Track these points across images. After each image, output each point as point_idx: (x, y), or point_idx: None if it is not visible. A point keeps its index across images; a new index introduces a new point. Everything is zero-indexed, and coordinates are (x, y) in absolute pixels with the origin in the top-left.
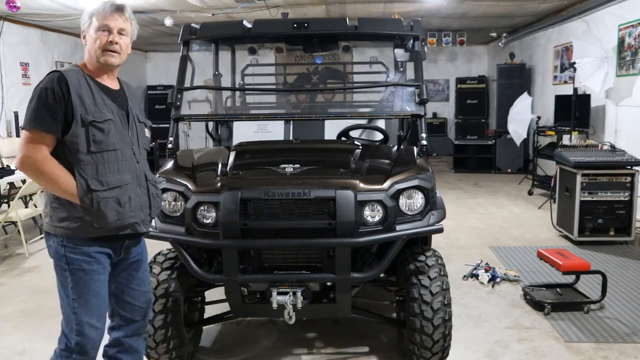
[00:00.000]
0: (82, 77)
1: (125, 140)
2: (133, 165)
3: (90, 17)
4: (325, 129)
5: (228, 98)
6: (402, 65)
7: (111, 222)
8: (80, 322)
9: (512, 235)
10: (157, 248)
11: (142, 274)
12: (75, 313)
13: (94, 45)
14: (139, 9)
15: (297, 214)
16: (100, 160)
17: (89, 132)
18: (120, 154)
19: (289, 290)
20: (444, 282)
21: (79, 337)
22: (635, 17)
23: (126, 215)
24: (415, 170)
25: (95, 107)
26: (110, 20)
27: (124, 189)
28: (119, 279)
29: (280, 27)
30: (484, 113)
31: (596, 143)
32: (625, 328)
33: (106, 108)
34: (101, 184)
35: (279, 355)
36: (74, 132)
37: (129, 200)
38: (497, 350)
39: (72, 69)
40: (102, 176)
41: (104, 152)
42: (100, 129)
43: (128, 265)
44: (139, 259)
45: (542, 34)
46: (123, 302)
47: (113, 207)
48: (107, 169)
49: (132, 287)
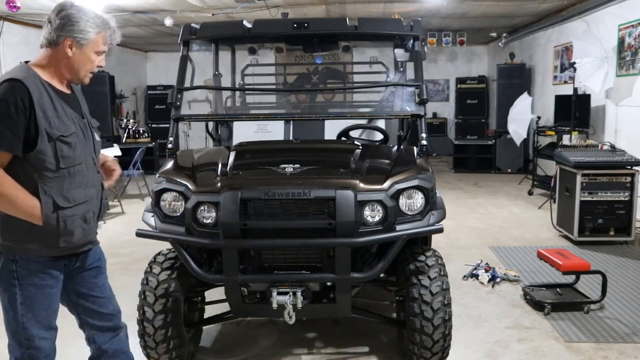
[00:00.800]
0: (40, 85)
1: (88, 151)
2: (95, 176)
3: (93, 33)
4: (325, 129)
5: (228, 98)
6: (402, 65)
7: (76, 240)
8: (30, 337)
9: (512, 235)
10: (157, 248)
11: (102, 281)
12: (24, 328)
13: (85, 66)
14: (139, 9)
15: (297, 214)
16: (66, 176)
17: (57, 148)
18: (84, 167)
19: (289, 290)
20: (444, 282)
21: (30, 350)
22: (635, 17)
23: (92, 231)
24: (415, 170)
25: (59, 120)
26: (107, 46)
27: (89, 203)
28: (79, 288)
29: (280, 27)
30: (484, 113)
31: (596, 143)
32: (625, 328)
33: (69, 119)
34: (67, 201)
35: (279, 355)
36: (40, 149)
37: (93, 215)
38: (497, 350)
39: (29, 75)
40: (68, 192)
41: (70, 168)
42: (68, 143)
43: (86, 273)
44: (98, 265)
45: (542, 34)
46: (90, 311)
47: (79, 225)
48: (74, 184)
49: (96, 295)
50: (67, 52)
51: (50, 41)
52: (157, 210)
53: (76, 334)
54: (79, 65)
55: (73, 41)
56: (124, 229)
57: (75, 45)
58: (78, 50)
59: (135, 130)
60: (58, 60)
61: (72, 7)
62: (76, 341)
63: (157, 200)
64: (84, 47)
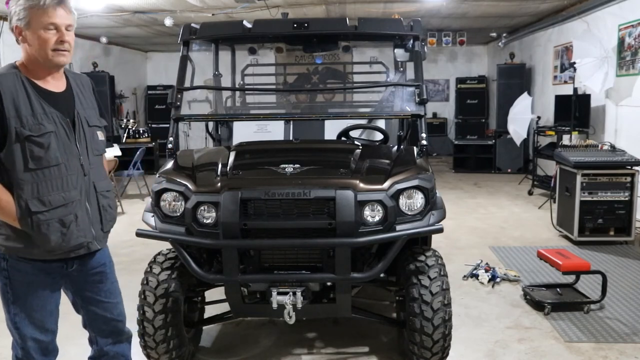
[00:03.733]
0: (19, 82)
1: (71, 151)
2: (80, 179)
3: (26, 12)
4: (325, 129)
5: (228, 98)
6: (402, 65)
7: (54, 245)
8: (23, 337)
9: (512, 235)
10: (157, 248)
11: (109, 286)
12: (17, 328)
13: (43, 46)
14: (139, 9)
15: (297, 214)
16: (41, 178)
17: (26, 148)
18: (65, 169)
19: (289, 290)
20: (444, 282)
21: (23, 350)
22: (635, 17)
23: (73, 235)
24: (415, 170)
25: (33, 119)
26: (55, 17)
27: (70, 207)
28: (83, 292)
29: (280, 27)
30: (484, 113)
31: (596, 143)
32: (625, 328)
33: (46, 118)
34: (43, 204)
35: (279, 355)
36: (9, 149)
37: (76, 219)
38: (497, 350)
39: (9, 72)
40: (44, 195)
41: (44, 169)
42: (39, 144)
43: (90, 277)
44: (102, 271)
45: (542, 34)
46: (94, 314)
47: (56, 229)
48: (50, 186)
49: (101, 299)
50: (22, 40)
51: (15, 39)
52: (157, 210)
53: (76, 334)
54: (37, 47)
55: (17, 27)
56: (124, 229)
57: (22, 32)
58: (27, 33)
59: (135, 130)
60: (25, 51)
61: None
62: (76, 341)
63: (157, 200)
64: (29, 28)
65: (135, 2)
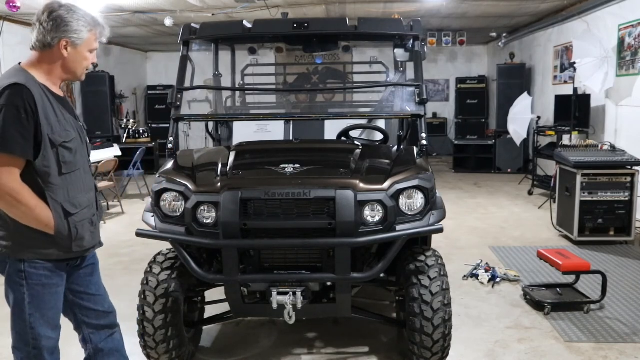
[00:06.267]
0: (40, 90)
1: (84, 155)
2: (91, 178)
3: (86, 34)
4: (325, 129)
5: (228, 98)
6: (402, 65)
7: (87, 244)
8: (37, 336)
9: (512, 235)
10: (157, 248)
11: (97, 279)
12: (32, 327)
13: (82, 64)
14: (139, 9)
15: (297, 214)
16: (69, 182)
17: (59, 154)
18: (83, 172)
19: (289, 290)
20: (444, 282)
21: (36, 349)
22: (635, 17)
23: (96, 234)
24: (415, 170)
25: (60, 126)
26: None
27: (92, 207)
28: (75, 286)
29: (280, 27)
30: (484, 113)
31: (596, 143)
32: (625, 328)
33: (68, 124)
34: (74, 206)
35: (279, 355)
36: (44, 155)
37: (97, 218)
38: (497, 350)
39: (28, 78)
40: (74, 198)
41: (71, 173)
42: (69, 149)
43: (82, 271)
44: (92, 263)
45: (542, 34)
46: (86, 309)
47: (87, 228)
48: (77, 189)
49: (92, 293)
50: (62, 53)
51: (45, 43)
52: (157, 210)
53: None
54: (75, 64)
55: (68, 42)
56: (124, 229)
57: (70, 46)
58: (73, 50)
59: (135, 130)
60: (53, 61)
61: (62, 7)
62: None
63: (157, 200)
64: (78, 46)
65: (135, 2)
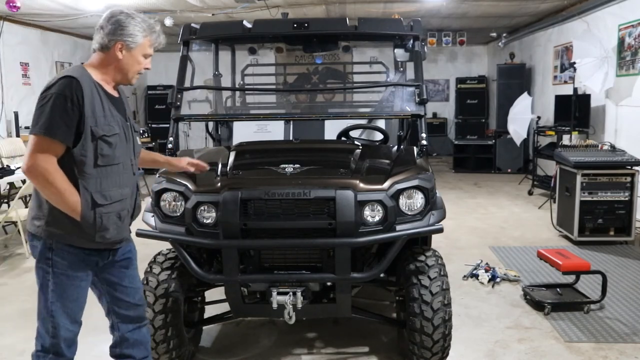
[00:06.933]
0: (93, 85)
1: (127, 152)
2: (131, 177)
3: (142, 38)
4: (325, 129)
5: (228, 98)
6: (402, 65)
7: (110, 237)
8: (56, 325)
9: (512, 235)
10: (157, 248)
11: (132, 271)
12: (52, 316)
13: (134, 67)
14: (139, 9)
15: (297, 214)
16: (104, 174)
17: (97, 146)
18: (122, 167)
19: (289, 290)
20: (444, 282)
21: (54, 338)
22: (635, 17)
23: (124, 229)
24: (415, 170)
25: (104, 120)
26: (152, 50)
27: (123, 203)
28: (109, 277)
29: (280, 27)
30: (484, 113)
31: (596, 143)
32: (625, 328)
33: (114, 120)
34: (105, 198)
35: (279, 355)
36: (83, 145)
37: (127, 213)
38: (497, 350)
39: (83, 74)
40: (106, 190)
41: (108, 167)
42: (109, 143)
43: (117, 264)
44: (129, 257)
45: (542, 34)
46: (117, 300)
47: (114, 222)
48: (111, 182)
49: (125, 285)
50: (117, 55)
51: (103, 45)
52: (157, 210)
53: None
54: (127, 67)
55: (123, 44)
56: None
57: (125, 48)
58: (127, 53)
59: None
60: (109, 62)
61: (122, 13)
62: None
63: (157, 200)
64: (132, 50)
65: (135, 2)
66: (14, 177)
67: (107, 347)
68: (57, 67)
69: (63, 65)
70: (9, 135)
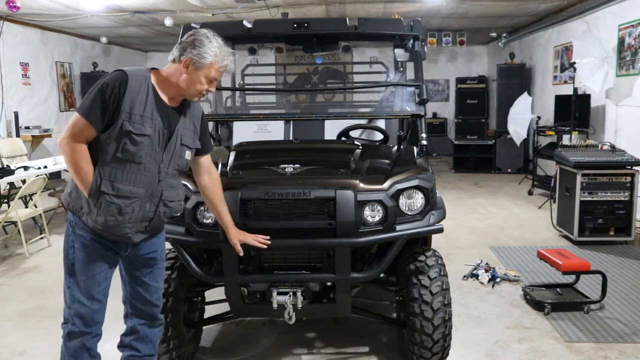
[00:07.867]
0: (145, 86)
1: (155, 157)
2: (153, 182)
3: (209, 58)
4: (325, 129)
5: (228, 98)
6: (402, 65)
7: (103, 226)
8: (72, 298)
9: (512, 235)
10: None
11: (157, 270)
12: (69, 287)
13: (196, 87)
14: (139, 9)
15: (297, 214)
16: (120, 167)
17: (122, 140)
18: (144, 168)
19: (289, 290)
20: (444, 282)
21: (70, 310)
22: (635, 17)
23: (124, 224)
24: (415, 170)
25: (140, 119)
26: (219, 76)
27: (132, 200)
28: (133, 270)
29: (280, 27)
30: (484, 113)
31: (596, 143)
32: (625, 328)
33: (150, 123)
34: (112, 189)
35: (279, 355)
36: (110, 134)
37: (132, 212)
38: (497, 350)
39: (140, 74)
40: (117, 182)
41: (126, 162)
42: (134, 141)
43: (142, 259)
44: (154, 257)
45: (542, 34)
46: (136, 292)
47: (111, 213)
48: (124, 177)
49: (146, 281)
50: (182, 70)
51: (175, 57)
52: None
53: None
54: (189, 84)
55: (190, 61)
56: None
57: (191, 65)
58: (192, 69)
59: None
60: (174, 74)
61: (202, 34)
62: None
63: None
64: (198, 69)
65: (135, 2)
66: (14, 177)
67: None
68: (57, 67)
69: (63, 65)
70: (9, 135)
